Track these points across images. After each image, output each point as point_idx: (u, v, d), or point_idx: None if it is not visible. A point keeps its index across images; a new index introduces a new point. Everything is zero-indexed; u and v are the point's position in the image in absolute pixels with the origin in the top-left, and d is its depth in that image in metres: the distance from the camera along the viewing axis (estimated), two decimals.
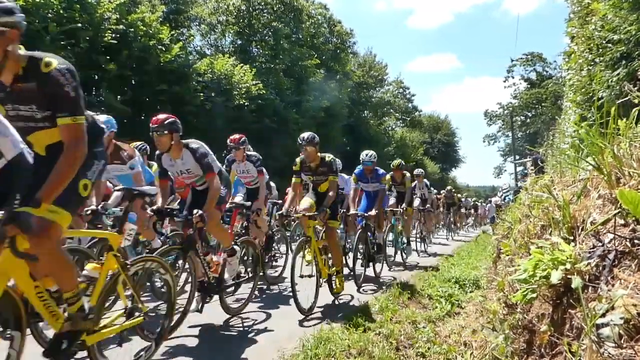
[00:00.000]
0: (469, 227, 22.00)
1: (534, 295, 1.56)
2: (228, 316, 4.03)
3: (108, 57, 12.41)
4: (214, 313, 4.08)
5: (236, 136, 5.41)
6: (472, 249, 10.51)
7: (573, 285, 1.34)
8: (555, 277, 1.41)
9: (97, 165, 2.45)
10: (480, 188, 68.36)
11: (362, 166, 6.46)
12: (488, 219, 22.73)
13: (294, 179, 4.91)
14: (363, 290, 5.35)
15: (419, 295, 4.94)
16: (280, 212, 5.06)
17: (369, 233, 6.15)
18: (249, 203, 5.24)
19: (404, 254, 7.84)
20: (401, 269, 7.22)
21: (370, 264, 6.19)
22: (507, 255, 2.76)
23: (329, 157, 4.83)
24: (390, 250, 7.47)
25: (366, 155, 6.46)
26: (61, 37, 10.85)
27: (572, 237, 1.68)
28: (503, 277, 2.56)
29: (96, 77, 12.60)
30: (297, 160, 4.87)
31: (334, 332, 3.29)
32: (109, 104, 12.39)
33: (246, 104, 17.61)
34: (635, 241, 1.35)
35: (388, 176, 7.70)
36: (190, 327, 3.66)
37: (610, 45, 4.63)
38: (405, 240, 8.04)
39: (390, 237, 7.46)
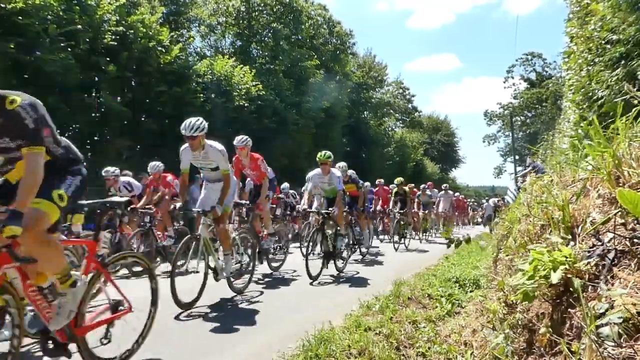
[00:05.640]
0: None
1: (534, 294, 1.56)
2: (227, 316, 4.02)
3: (108, 59, 12.37)
4: (213, 312, 4.07)
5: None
6: (472, 249, 10.49)
7: (574, 286, 1.34)
8: (555, 277, 1.41)
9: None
10: (480, 188, 68.33)
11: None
12: (484, 217, 22.70)
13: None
14: (363, 290, 5.35)
15: (419, 295, 4.94)
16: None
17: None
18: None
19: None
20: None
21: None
22: (507, 254, 2.77)
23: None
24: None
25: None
26: (61, 38, 10.81)
27: (571, 237, 1.69)
28: (503, 276, 2.56)
29: (96, 79, 12.55)
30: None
31: (334, 332, 3.28)
32: (109, 105, 12.40)
33: (246, 104, 17.56)
34: (635, 240, 1.36)
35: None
36: (189, 327, 3.66)
37: (609, 45, 4.64)
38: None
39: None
